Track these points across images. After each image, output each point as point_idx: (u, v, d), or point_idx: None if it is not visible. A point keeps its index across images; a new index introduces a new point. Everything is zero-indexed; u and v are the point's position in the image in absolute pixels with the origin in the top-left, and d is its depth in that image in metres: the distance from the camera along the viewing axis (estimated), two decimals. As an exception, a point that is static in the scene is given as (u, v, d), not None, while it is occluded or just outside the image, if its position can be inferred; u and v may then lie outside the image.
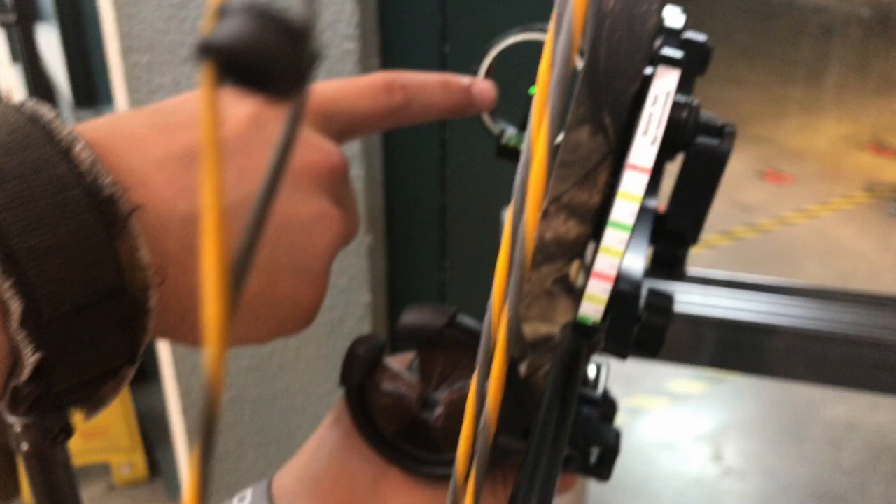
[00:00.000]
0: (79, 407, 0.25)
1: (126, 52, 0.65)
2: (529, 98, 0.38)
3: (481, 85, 0.35)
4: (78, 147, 0.22)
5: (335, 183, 0.29)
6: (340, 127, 0.31)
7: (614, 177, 0.27)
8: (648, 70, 0.26)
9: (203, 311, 0.11)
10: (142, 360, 0.25)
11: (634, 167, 0.25)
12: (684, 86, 0.27)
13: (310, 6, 0.10)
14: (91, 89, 1.33)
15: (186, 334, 0.26)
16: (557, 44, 0.14)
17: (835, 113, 4.13)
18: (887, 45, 5.13)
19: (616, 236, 0.25)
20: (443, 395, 0.30)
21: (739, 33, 5.29)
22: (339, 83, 0.32)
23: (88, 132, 0.24)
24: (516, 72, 0.39)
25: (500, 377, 0.16)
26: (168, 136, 0.26)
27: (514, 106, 0.38)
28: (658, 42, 0.28)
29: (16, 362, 0.22)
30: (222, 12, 0.10)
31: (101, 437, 1.64)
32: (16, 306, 0.20)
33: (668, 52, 0.26)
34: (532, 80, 0.20)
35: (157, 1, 0.62)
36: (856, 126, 3.91)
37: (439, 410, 0.29)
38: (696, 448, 1.93)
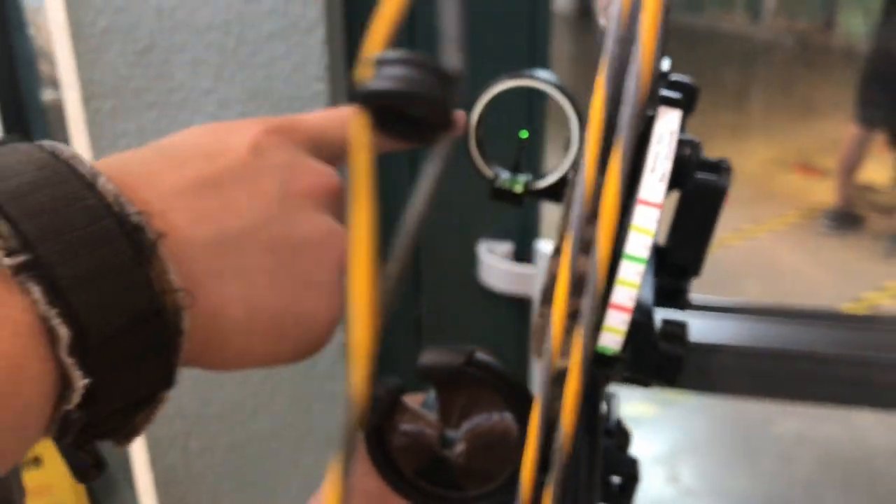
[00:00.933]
0: (114, 437, 0.25)
1: (87, 98, 0.64)
2: (521, 141, 0.40)
3: None
4: (101, 180, 0.23)
5: (336, 202, 0.31)
6: (329, 154, 0.33)
7: (622, 214, 0.28)
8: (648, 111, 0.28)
9: (349, 335, 0.11)
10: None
11: (645, 202, 0.26)
12: (681, 125, 0.29)
13: (458, 54, 0.11)
14: (25, 132, 1.30)
15: (212, 357, 0.27)
16: (628, 81, 0.15)
17: (762, 137, 4.30)
18: (809, 72, 5.37)
19: (632, 268, 0.26)
20: (462, 432, 0.30)
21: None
22: (322, 114, 0.34)
23: (103, 168, 0.25)
24: (507, 117, 0.40)
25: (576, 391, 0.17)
26: (179, 167, 0.27)
27: (506, 150, 0.39)
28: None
29: (64, 389, 0.22)
30: (380, 63, 0.11)
31: (44, 495, 1.57)
32: (64, 334, 0.21)
33: (668, 93, 0.27)
34: (521, 125, 0.21)
35: (120, 47, 0.62)
36: (783, 148, 4.07)
37: (461, 447, 0.30)
38: (653, 470, 1.95)
